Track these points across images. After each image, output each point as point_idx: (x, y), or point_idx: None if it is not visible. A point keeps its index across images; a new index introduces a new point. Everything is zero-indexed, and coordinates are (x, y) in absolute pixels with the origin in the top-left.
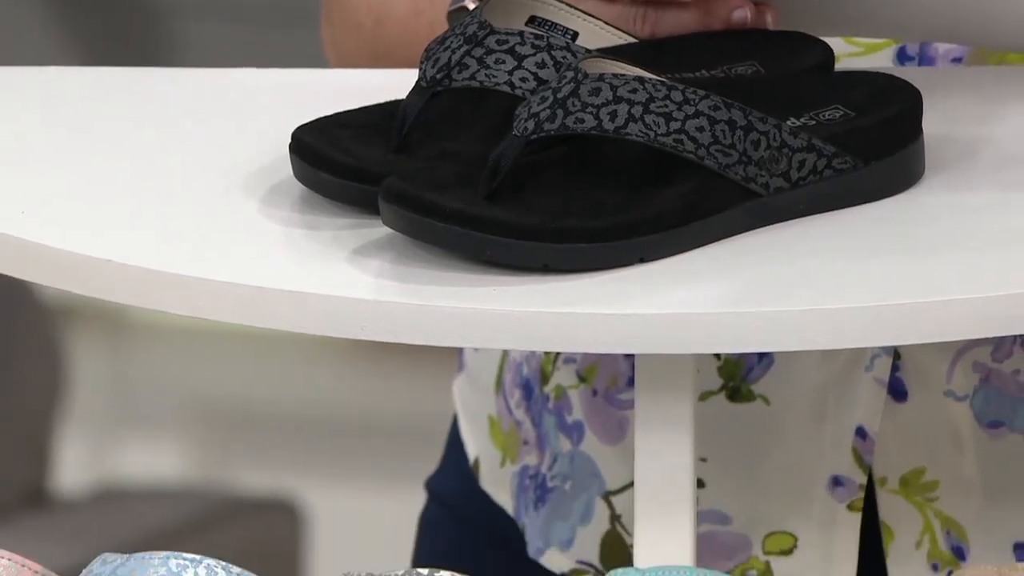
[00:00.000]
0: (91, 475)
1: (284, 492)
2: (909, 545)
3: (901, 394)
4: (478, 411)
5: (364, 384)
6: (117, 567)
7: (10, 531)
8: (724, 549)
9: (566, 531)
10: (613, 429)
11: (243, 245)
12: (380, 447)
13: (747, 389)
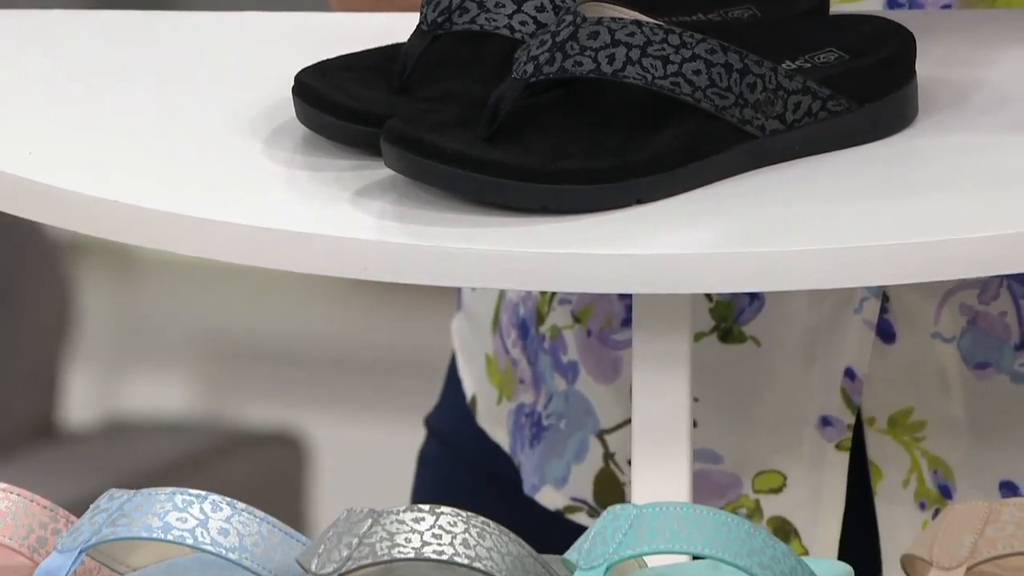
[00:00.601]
0: (99, 409)
1: (288, 426)
2: (896, 484)
3: (889, 336)
4: (475, 350)
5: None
6: (124, 502)
7: (19, 463)
8: (715, 488)
9: (561, 469)
10: (607, 369)
11: (247, 186)
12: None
13: (738, 330)
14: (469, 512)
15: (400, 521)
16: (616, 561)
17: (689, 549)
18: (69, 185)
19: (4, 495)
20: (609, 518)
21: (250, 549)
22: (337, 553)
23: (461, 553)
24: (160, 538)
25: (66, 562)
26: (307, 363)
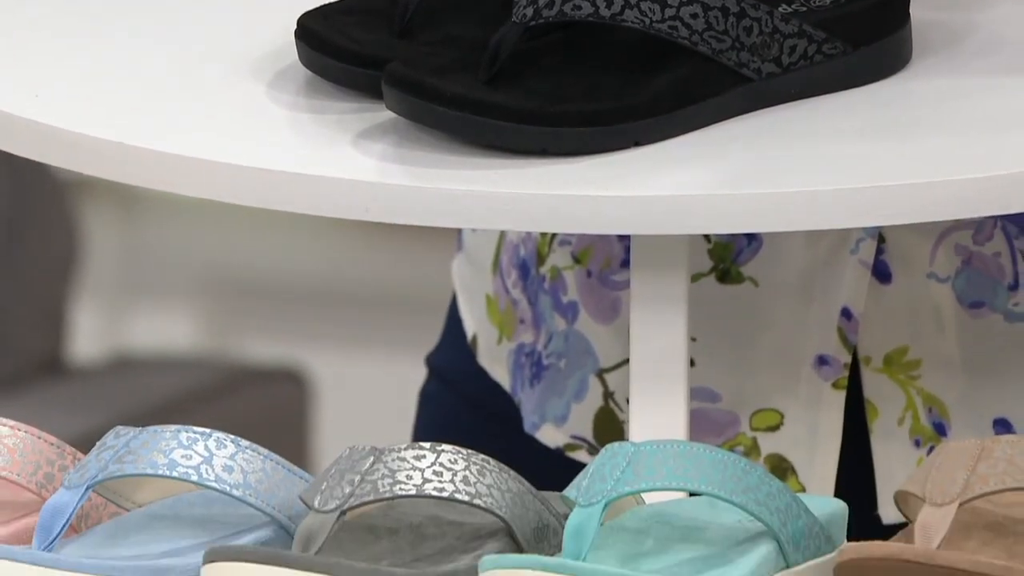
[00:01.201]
0: (105, 344)
1: (292, 361)
2: (892, 422)
3: (885, 276)
4: (476, 290)
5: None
6: (130, 440)
7: (27, 399)
8: (713, 426)
9: (560, 407)
10: (606, 309)
11: (250, 128)
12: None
13: (736, 271)
14: (469, 450)
15: (401, 459)
16: (614, 498)
17: (686, 486)
18: (75, 127)
19: (12, 432)
20: (607, 456)
21: (254, 486)
22: (339, 490)
23: (461, 490)
24: (165, 475)
25: (73, 498)
26: (311, 299)
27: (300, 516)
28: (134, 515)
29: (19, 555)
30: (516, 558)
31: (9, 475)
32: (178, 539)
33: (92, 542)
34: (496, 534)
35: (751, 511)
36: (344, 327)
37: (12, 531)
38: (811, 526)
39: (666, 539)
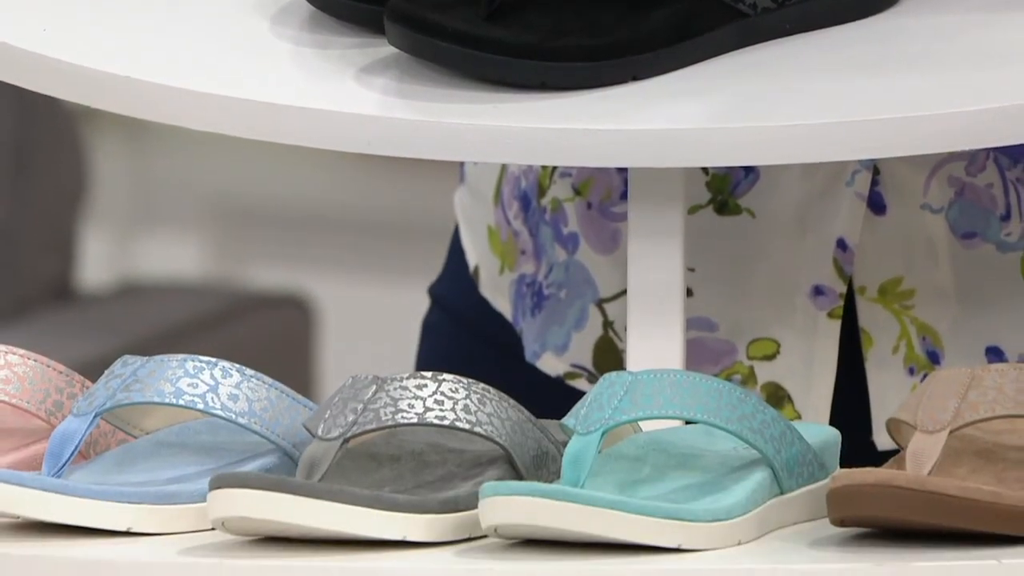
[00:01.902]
0: (113, 271)
1: (296, 288)
2: (887, 350)
3: (880, 207)
4: (478, 221)
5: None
6: (137, 368)
7: (37, 325)
8: (711, 354)
9: (561, 336)
10: (606, 240)
11: (254, 63)
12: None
13: (734, 203)
14: (470, 379)
15: (403, 388)
16: (612, 426)
17: (682, 414)
18: (82, 61)
19: (22, 361)
20: (605, 385)
21: (259, 414)
22: (343, 418)
23: (462, 418)
24: (172, 403)
25: (81, 425)
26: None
27: (304, 443)
28: (142, 442)
29: (29, 480)
30: (515, 485)
31: (19, 403)
32: (185, 465)
33: (100, 468)
34: (496, 461)
35: (746, 439)
36: (348, 254)
37: (22, 457)
38: (805, 453)
39: (663, 466)
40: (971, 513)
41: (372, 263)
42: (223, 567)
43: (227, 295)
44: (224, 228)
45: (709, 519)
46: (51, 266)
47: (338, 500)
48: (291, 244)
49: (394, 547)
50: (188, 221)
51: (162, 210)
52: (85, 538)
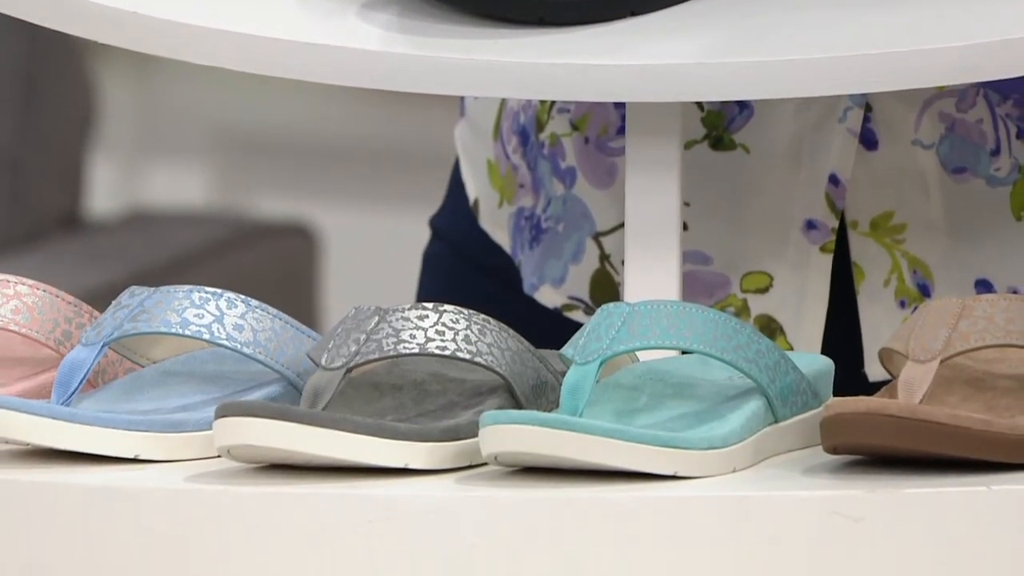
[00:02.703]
0: (121, 200)
1: (301, 217)
2: (878, 284)
3: (872, 143)
4: (477, 155)
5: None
6: (144, 299)
7: (46, 253)
8: (705, 287)
9: (558, 269)
10: (603, 174)
11: None
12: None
13: (729, 138)
14: (470, 310)
15: (405, 318)
16: (609, 356)
17: (678, 344)
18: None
19: (31, 291)
20: (603, 316)
21: (264, 344)
22: (346, 348)
23: (463, 348)
24: (178, 333)
25: (90, 355)
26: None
27: (308, 373)
28: (149, 371)
29: (39, 409)
30: (515, 414)
31: (29, 332)
32: (191, 394)
33: (108, 397)
34: (496, 391)
35: (741, 368)
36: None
37: (32, 386)
38: (799, 382)
39: (659, 395)
40: (961, 440)
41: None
42: (229, 494)
43: (232, 224)
44: (230, 157)
45: (705, 447)
46: (59, 195)
47: (341, 428)
48: (296, 174)
49: (396, 474)
50: (194, 150)
51: (169, 139)
52: (93, 465)
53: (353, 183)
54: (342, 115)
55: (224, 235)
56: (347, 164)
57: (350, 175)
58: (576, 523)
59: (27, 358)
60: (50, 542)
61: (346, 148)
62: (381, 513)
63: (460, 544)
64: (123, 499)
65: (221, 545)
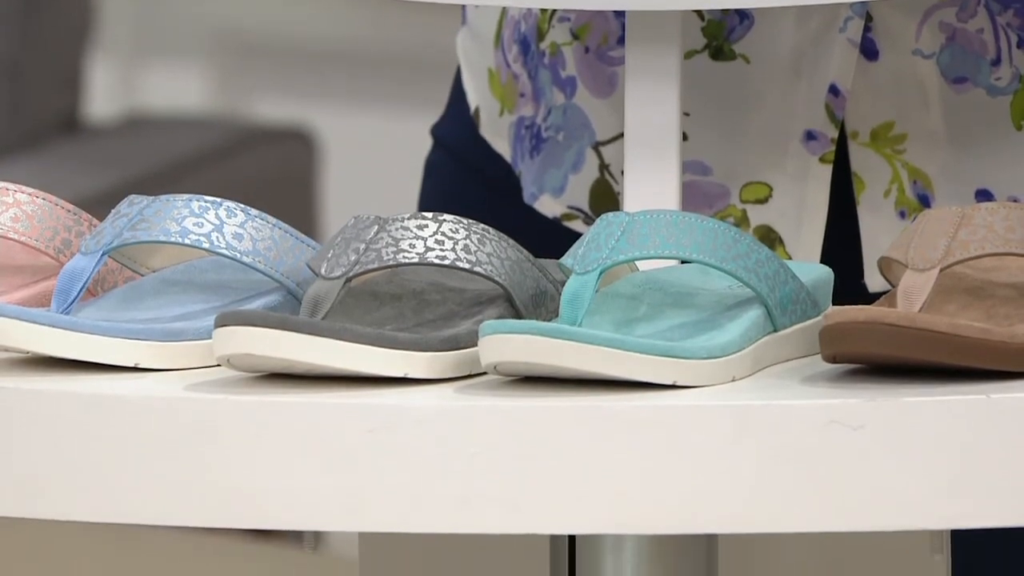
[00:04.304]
0: (119, 104)
1: (302, 122)
2: (878, 194)
3: (872, 53)
4: (479, 63)
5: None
6: (143, 208)
7: (45, 158)
8: (705, 197)
9: (558, 178)
10: (604, 84)
11: None
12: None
13: (729, 48)
14: (470, 220)
15: (405, 228)
16: (609, 266)
17: (677, 254)
18: None
19: (31, 199)
20: (602, 225)
21: (263, 253)
22: (345, 258)
23: (462, 258)
24: (178, 242)
25: (89, 263)
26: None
27: (307, 282)
28: (148, 280)
29: (39, 317)
30: (514, 323)
31: (28, 240)
32: (191, 303)
33: (108, 305)
34: (495, 300)
35: (740, 277)
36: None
37: (31, 294)
38: (798, 291)
39: (659, 305)
40: (960, 349)
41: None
42: (228, 402)
43: (232, 128)
44: (229, 61)
45: (704, 356)
46: (58, 100)
47: (341, 338)
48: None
49: (395, 384)
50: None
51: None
52: (93, 373)
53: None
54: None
55: (223, 140)
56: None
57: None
58: (575, 432)
59: (26, 266)
60: (49, 450)
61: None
62: (381, 422)
63: (460, 453)
64: (123, 407)
65: (220, 454)
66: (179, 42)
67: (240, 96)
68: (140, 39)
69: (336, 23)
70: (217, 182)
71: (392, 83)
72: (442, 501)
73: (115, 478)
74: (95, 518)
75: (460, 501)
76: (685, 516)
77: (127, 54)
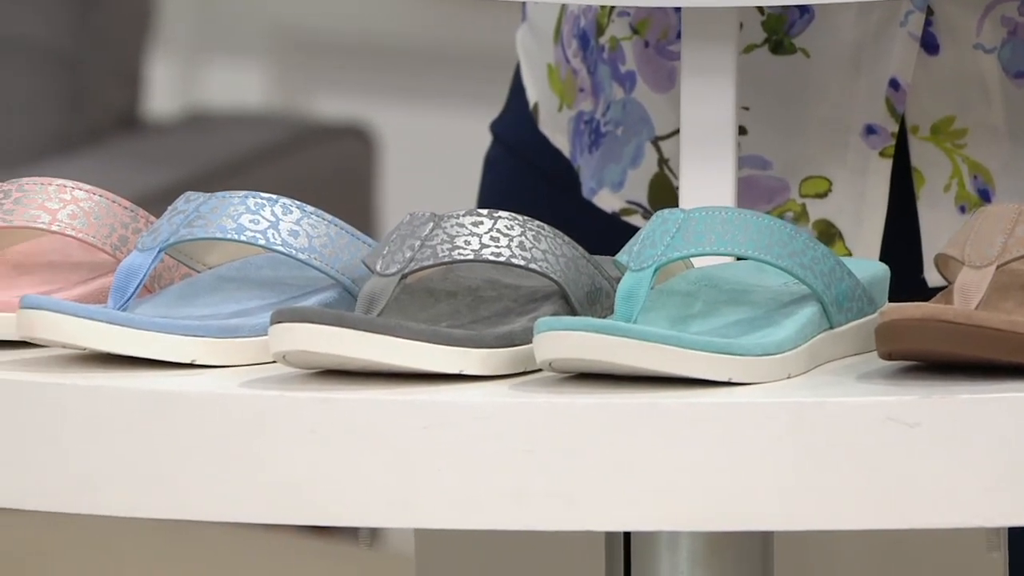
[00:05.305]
0: (180, 100)
1: (361, 119)
2: (938, 189)
3: (933, 47)
4: (538, 59)
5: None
6: (200, 204)
7: (105, 154)
8: (763, 192)
9: (617, 173)
10: (663, 79)
11: None
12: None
13: (789, 42)
14: (525, 216)
15: (460, 224)
16: (664, 263)
17: (733, 251)
18: None
19: (88, 196)
20: (658, 222)
21: (319, 250)
22: (400, 255)
23: (517, 255)
24: (234, 239)
25: (146, 260)
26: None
27: (363, 279)
28: (204, 277)
29: (96, 313)
30: (569, 320)
31: (86, 237)
32: (247, 300)
33: (164, 302)
34: (551, 297)
35: (796, 274)
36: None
37: (89, 290)
38: (854, 288)
39: (714, 302)
40: (1017, 346)
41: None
42: (284, 399)
43: (291, 125)
44: (289, 58)
45: (759, 353)
46: (118, 96)
47: (396, 335)
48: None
49: (450, 380)
50: (254, 51)
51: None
52: (150, 370)
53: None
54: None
55: (282, 137)
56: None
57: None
58: (630, 429)
59: (84, 263)
60: (106, 446)
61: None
62: (435, 419)
63: (515, 450)
64: (179, 404)
65: (275, 450)
66: (239, 39)
67: (299, 93)
68: (200, 36)
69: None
70: (276, 179)
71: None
72: (497, 498)
73: (171, 474)
74: (151, 514)
75: (515, 498)
76: (741, 513)
77: (187, 51)
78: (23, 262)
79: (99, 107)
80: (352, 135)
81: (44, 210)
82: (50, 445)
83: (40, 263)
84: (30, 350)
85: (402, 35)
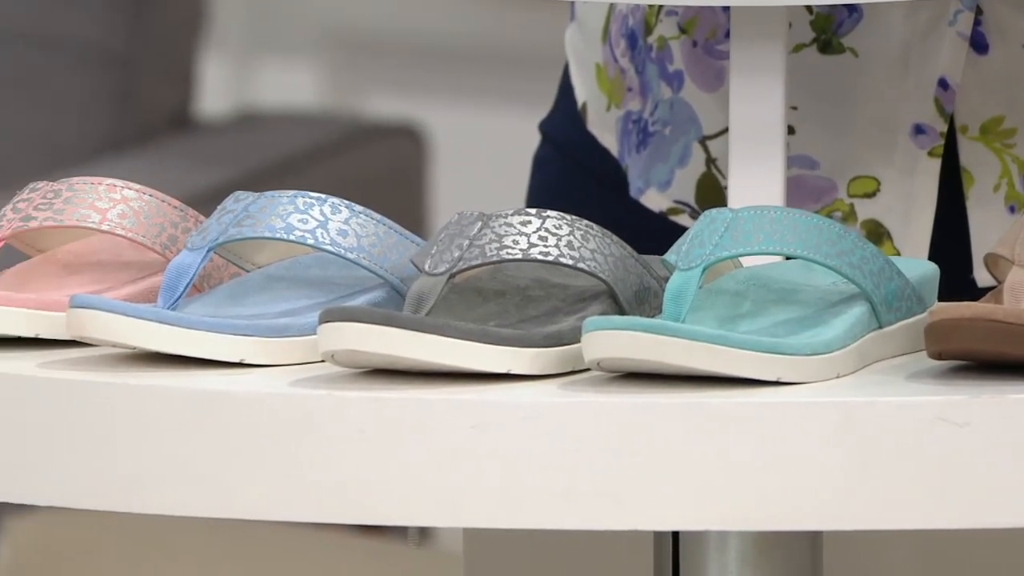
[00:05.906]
0: (231, 100)
1: (412, 118)
2: (987, 189)
3: (982, 47)
4: (587, 59)
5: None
6: (249, 204)
7: (156, 153)
8: (812, 192)
9: (665, 172)
10: (711, 78)
11: None
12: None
13: (837, 42)
14: (574, 216)
15: (508, 224)
16: (712, 262)
17: (781, 250)
18: None
19: (138, 196)
20: (706, 222)
21: (367, 249)
22: (449, 254)
23: (566, 254)
24: (283, 238)
25: (196, 259)
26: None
27: (411, 279)
28: (254, 276)
29: (145, 313)
30: (618, 319)
31: (135, 237)
32: (295, 299)
33: (214, 301)
34: (599, 296)
35: (845, 274)
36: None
37: (138, 290)
38: (903, 288)
39: (763, 301)
40: None
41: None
42: (332, 398)
43: (342, 125)
44: (341, 58)
45: (808, 352)
46: (170, 95)
47: (444, 334)
48: (407, 75)
49: (499, 380)
50: (305, 50)
51: (280, 38)
52: (199, 369)
53: (463, 84)
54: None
55: (333, 136)
56: (458, 65)
57: (460, 76)
58: (678, 428)
59: (134, 262)
60: (155, 445)
61: (458, 49)
62: (484, 418)
63: (563, 449)
64: (228, 403)
65: (324, 449)
66: (291, 39)
67: (350, 93)
68: (252, 35)
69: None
70: (327, 179)
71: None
72: (545, 497)
73: (220, 473)
74: (200, 513)
75: (563, 497)
76: (789, 513)
77: (239, 50)
78: (73, 262)
79: (151, 107)
80: (403, 135)
81: (94, 209)
82: (100, 444)
83: (90, 262)
84: (80, 349)
85: (453, 35)
